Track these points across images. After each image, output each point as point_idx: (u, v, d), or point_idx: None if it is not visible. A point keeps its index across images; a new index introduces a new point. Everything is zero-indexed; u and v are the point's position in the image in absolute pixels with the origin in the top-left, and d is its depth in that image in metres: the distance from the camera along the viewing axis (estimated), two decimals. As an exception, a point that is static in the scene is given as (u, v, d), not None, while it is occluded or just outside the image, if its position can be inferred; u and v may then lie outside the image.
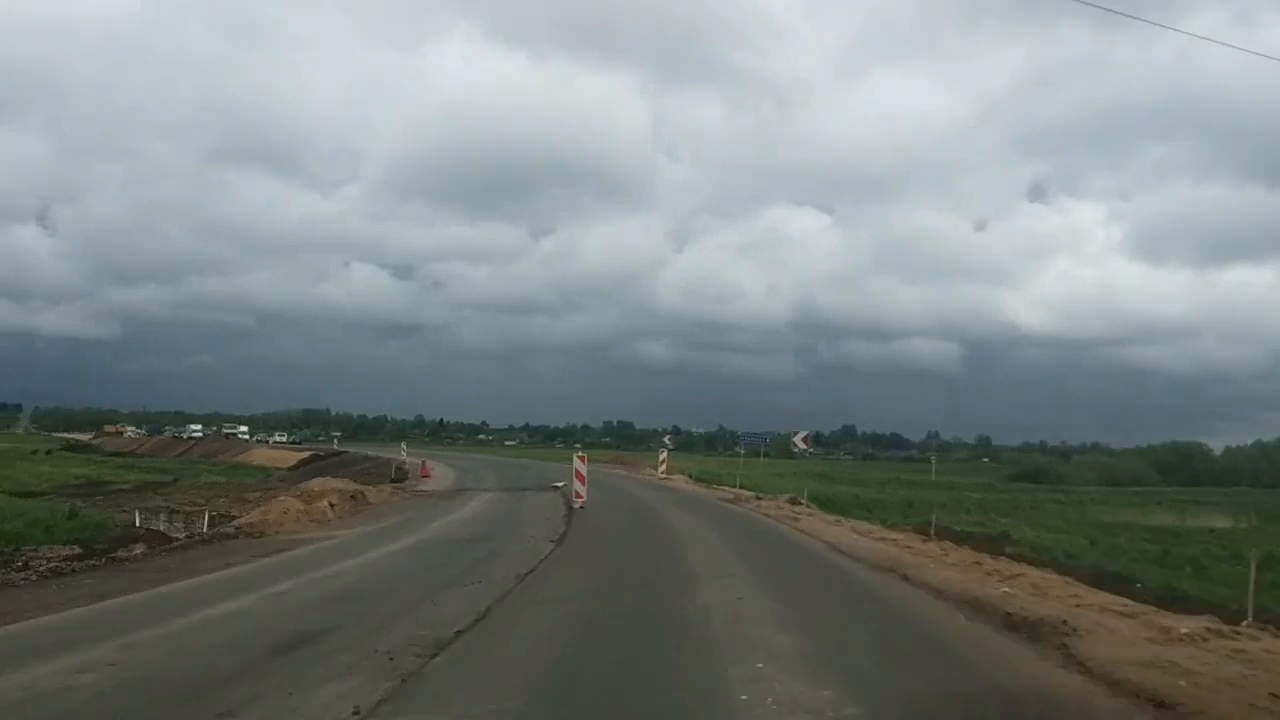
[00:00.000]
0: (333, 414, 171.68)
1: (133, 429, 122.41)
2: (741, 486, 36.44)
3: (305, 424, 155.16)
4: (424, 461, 43.83)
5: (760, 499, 29.74)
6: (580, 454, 25.39)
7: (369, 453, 67.10)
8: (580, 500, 24.47)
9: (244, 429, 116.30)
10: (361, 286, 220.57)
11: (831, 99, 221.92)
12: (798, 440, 33.28)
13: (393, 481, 37.17)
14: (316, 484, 28.81)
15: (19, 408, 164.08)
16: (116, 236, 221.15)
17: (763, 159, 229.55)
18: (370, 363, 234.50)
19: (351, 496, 25.84)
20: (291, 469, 63.34)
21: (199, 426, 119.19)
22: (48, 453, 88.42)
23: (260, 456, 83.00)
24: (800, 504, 28.22)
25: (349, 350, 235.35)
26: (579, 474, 24.81)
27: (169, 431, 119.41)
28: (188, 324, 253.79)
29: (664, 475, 43.85)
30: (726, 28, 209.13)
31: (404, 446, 62.77)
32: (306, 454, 76.69)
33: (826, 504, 33.11)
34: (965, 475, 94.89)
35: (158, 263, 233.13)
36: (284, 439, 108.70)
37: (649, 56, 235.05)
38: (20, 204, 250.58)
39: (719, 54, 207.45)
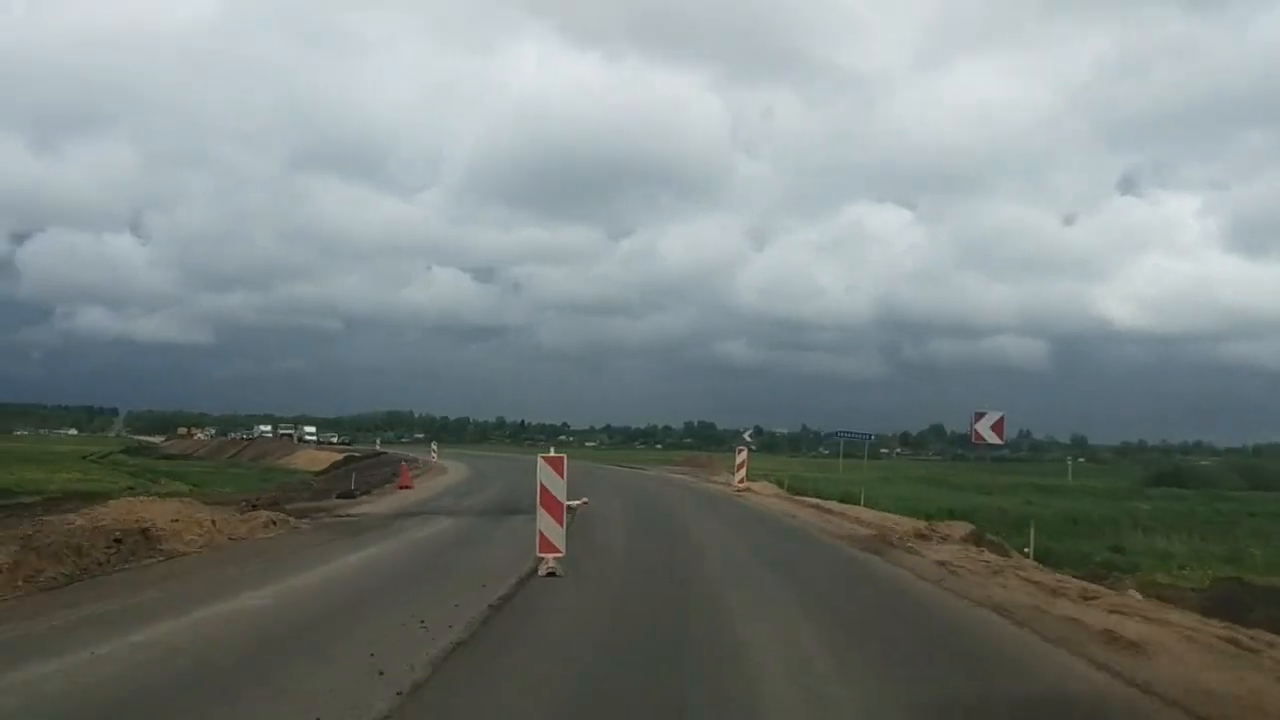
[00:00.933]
0: (416, 416, 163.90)
1: (202, 432, 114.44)
2: (866, 506, 21.52)
3: (389, 426, 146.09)
4: (404, 467, 29.90)
5: (926, 537, 14.45)
6: (553, 453, 10.89)
7: (410, 454, 56.82)
8: (552, 558, 10.29)
9: (310, 430, 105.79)
10: (444, 290, 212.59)
11: (912, 91, 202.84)
12: (982, 428, 17.82)
13: (339, 497, 23.59)
14: (120, 506, 15.32)
15: (114, 411, 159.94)
16: (206, 244, 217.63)
17: (842, 154, 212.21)
18: (453, 365, 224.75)
19: (116, 539, 12.27)
20: (321, 472, 53.76)
21: (268, 427, 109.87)
22: (103, 456, 79.81)
23: (303, 459, 74.09)
24: (1008, 555, 13.24)
25: (433, 353, 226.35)
26: (545, 496, 10.44)
27: (234, 434, 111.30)
28: (276, 329, 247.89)
29: (742, 484, 29.22)
30: (803, 21, 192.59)
31: (434, 447, 53.64)
32: (342, 456, 66.10)
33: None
34: (1070, 477, 77.49)
35: (246, 269, 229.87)
36: (335, 440, 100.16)
37: (725, 53, 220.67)
38: (115, 213, 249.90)
39: (796, 48, 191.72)
